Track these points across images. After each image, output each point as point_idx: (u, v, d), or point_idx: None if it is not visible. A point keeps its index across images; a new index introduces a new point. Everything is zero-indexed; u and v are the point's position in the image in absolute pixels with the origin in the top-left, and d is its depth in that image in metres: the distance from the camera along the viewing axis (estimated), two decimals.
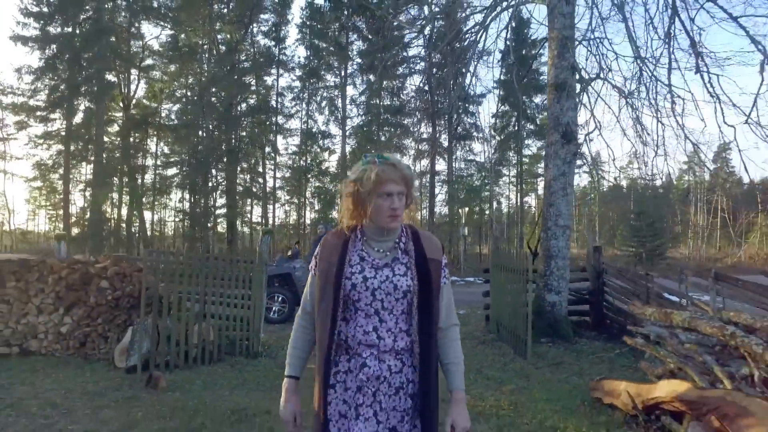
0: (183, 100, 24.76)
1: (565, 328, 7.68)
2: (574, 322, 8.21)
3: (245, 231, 31.80)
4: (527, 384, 5.46)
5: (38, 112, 20.89)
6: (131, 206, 26.27)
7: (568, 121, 7.66)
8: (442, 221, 29.44)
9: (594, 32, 8.12)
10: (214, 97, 21.80)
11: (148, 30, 25.73)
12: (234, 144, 23.50)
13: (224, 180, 24.76)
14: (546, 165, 8.02)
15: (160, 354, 5.59)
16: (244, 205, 29.91)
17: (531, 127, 31.04)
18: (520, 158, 32.01)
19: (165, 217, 32.34)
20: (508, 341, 7.16)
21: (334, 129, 30.02)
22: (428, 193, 28.81)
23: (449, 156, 29.56)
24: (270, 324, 8.60)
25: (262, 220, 30.72)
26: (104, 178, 20.22)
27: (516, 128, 30.97)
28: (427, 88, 25.59)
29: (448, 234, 28.28)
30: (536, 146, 32.00)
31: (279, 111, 28.87)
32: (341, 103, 28.99)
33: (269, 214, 31.89)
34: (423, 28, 11.86)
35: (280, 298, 9.30)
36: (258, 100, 27.48)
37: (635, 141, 9.11)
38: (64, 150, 22.94)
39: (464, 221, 23.77)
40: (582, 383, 5.35)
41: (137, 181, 24.34)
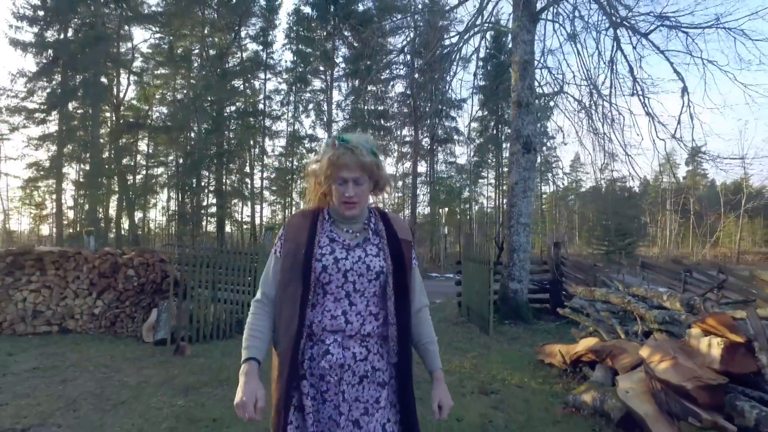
0: (175, 103, 25.60)
1: (526, 312, 8.94)
2: (536, 308, 9.46)
3: (233, 230, 32.67)
4: (487, 352, 6.68)
5: (36, 114, 21.61)
6: (120, 206, 27.02)
7: (528, 133, 8.93)
8: (425, 221, 30.76)
9: (554, 53, 9.40)
10: (206, 102, 22.72)
11: (139, 34, 26.40)
12: (224, 146, 24.42)
13: (214, 181, 25.65)
14: (509, 171, 9.28)
15: (183, 329, 6.68)
16: (232, 204, 30.81)
17: (509, 131, 32.47)
18: (500, 161, 33.46)
19: (154, 216, 33.04)
20: (475, 322, 8.39)
21: (320, 132, 31.10)
22: (411, 193, 30.08)
23: (431, 158, 30.88)
24: None
25: (250, 219, 31.72)
26: (98, 179, 21.02)
27: (495, 131, 32.43)
28: (409, 92, 26.84)
29: (429, 233, 29.62)
30: None
31: (267, 114, 29.87)
32: (327, 107, 30.10)
33: (257, 213, 32.90)
34: (404, 49, 12.86)
35: None
36: (246, 104, 28.42)
37: (596, 147, 10.45)
38: (57, 151, 23.65)
39: (444, 221, 25.04)
40: (531, 351, 6.58)
41: (127, 181, 25.11)
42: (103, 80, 21.82)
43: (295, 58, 29.95)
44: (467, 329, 8.36)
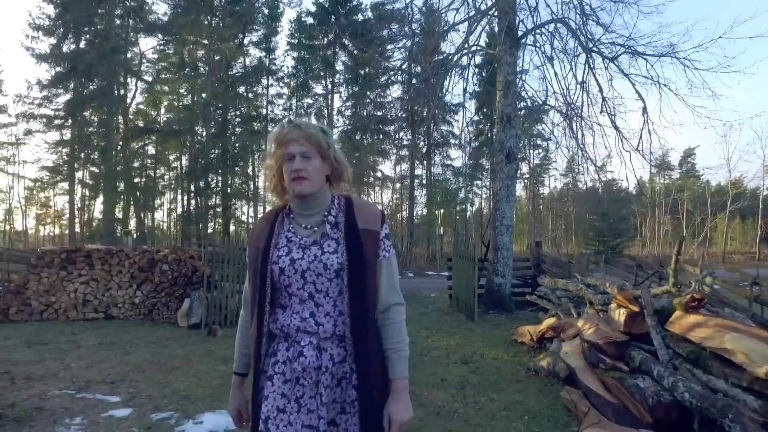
0: (183, 109, 26.78)
1: (509, 303, 10.13)
2: (519, 300, 10.63)
3: (237, 229, 33.85)
4: (471, 335, 7.88)
5: (54, 120, 22.81)
6: (126, 207, 28.17)
7: (510, 145, 10.12)
8: (422, 221, 31.97)
9: (540, 69, 10.57)
10: (213, 108, 23.89)
11: (146, 41, 27.58)
12: (229, 150, 25.60)
13: (220, 183, 26.81)
14: (493, 179, 10.48)
15: (213, 315, 7.85)
16: (235, 205, 32.01)
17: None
18: (493, 164, 34.61)
19: (160, 216, 34.20)
20: (463, 311, 9.58)
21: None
22: (408, 195, 31.28)
23: (427, 161, 32.07)
24: None
25: (254, 219, 32.93)
26: (112, 182, 22.19)
27: (489, 135, 33.62)
28: (407, 97, 28.04)
29: (427, 233, 30.80)
30: None
31: (269, 119, 31.03)
32: (327, 111, 31.27)
33: (260, 214, 34.07)
34: (401, 66, 14.02)
35: None
36: (249, 108, 29.56)
37: (578, 154, 11.67)
38: (70, 155, 24.82)
39: (440, 222, 26.23)
40: (509, 334, 7.75)
41: (137, 183, 26.30)
42: (116, 89, 22.97)
43: (296, 65, 31.15)
44: (456, 318, 9.55)
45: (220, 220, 27.02)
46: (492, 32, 11.17)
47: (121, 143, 24.48)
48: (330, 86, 31.00)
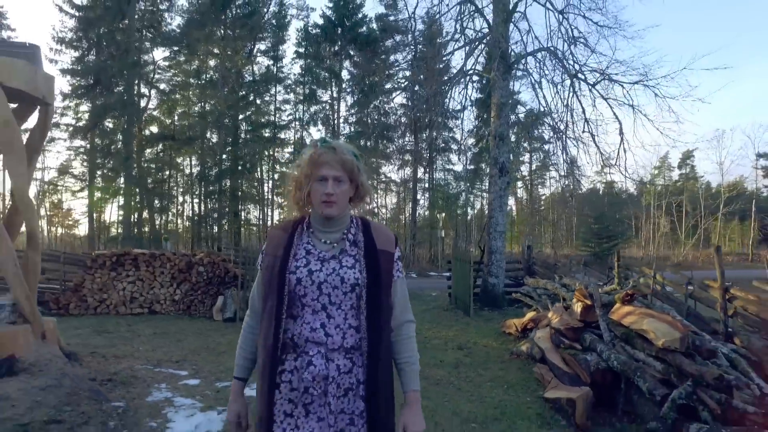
0: (195, 117, 28.08)
1: (501, 301, 11.36)
2: (511, 298, 11.87)
3: (245, 232, 35.16)
4: (466, 328, 9.11)
5: (78, 130, 24.18)
6: (141, 210, 29.48)
7: (503, 160, 11.36)
8: (424, 224, 33.20)
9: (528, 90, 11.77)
10: (225, 117, 25.19)
11: (159, 52, 28.91)
12: (241, 158, 26.90)
13: (230, 188, 28.09)
14: (489, 190, 11.70)
15: (244, 311, 9.10)
16: (246, 209, 33.33)
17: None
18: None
19: (173, 219, 35.44)
20: (461, 308, 10.82)
21: None
22: (411, 198, 32.54)
23: (430, 166, 33.31)
24: None
25: (261, 221, 34.24)
26: (132, 188, 23.53)
27: (488, 141, 34.83)
28: (410, 103, 29.29)
29: (428, 235, 32.05)
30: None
31: (277, 125, 32.31)
32: (332, 115, 32.52)
33: (267, 216, 35.39)
34: (406, 87, 15.26)
35: None
36: (257, 116, 30.83)
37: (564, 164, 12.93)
38: (90, 162, 26.18)
39: (442, 225, 27.49)
40: (498, 327, 9.00)
41: (153, 188, 27.58)
42: (136, 99, 24.31)
43: (303, 72, 32.38)
44: (454, 313, 10.79)
45: (231, 223, 28.25)
46: (488, 57, 12.39)
47: (136, 149, 25.80)
48: (336, 94, 32.27)
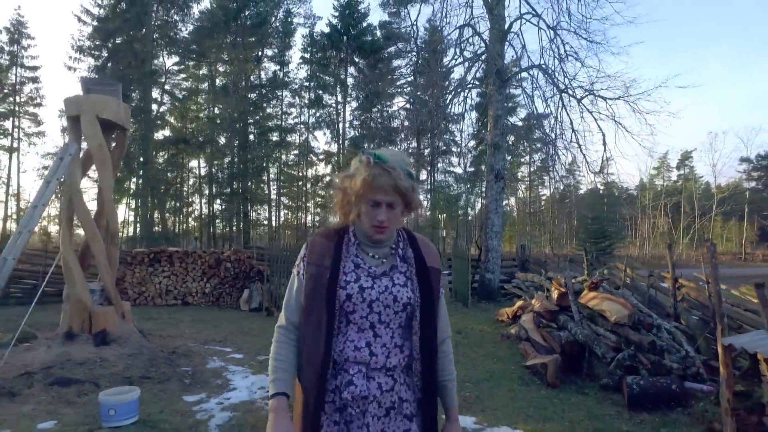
0: (206, 122, 29.32)
1: (497, 294, 12.52)
2: (506, 292, 13.03)
3: (253, 231, 36.38)
4: (465, 317, 10.28)
5: None
6: (153, 210, 30.73)
7: (499, 167, 12.53)
8: (426, 224, 34.39)
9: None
10: (236, 122, 26.42)
11: (170, 59, 30.12)
12: (251, 161, 28.13)
13: (240, 189, 29.31)
14: (485, 194, 12.86)
15: (268, 302, 10.28)
16: (253, 209, 34.55)
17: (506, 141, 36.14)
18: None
19: (185, 220, 36.70)
20: (460, 300, 11.99)
21: (333, 145, 34.78)
22: None
23: (431, 168, 34.49)
24: None
25: (268, 221, 35.50)
26: (150, 190, 24.76)
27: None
28: (412, 108, 30.45)
29: (429, 235, 33.23)
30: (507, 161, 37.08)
31: (284, 128, 33.53)
32: (338, 123, 33.71)
33: (273, 216, 36.64)
34: (410, 102, 16.40)
35: None
36: (265, 120, 32.05)
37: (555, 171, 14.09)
38: None
39: (443, 225, 28.68)
40: (493, 316, 10.16)
41: (168, 190, 28.84)
42: (153, 106, 25.52)
43: (309, 77, 33.57)
44: (454, 305, 11.95)
45: (240, 223, 29.48)
46: (485, 73, 13.56)
47: (153, 153, 27.00)
48: (342, 98, 33.46)
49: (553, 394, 5.05)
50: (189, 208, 36.12)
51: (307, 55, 33.47)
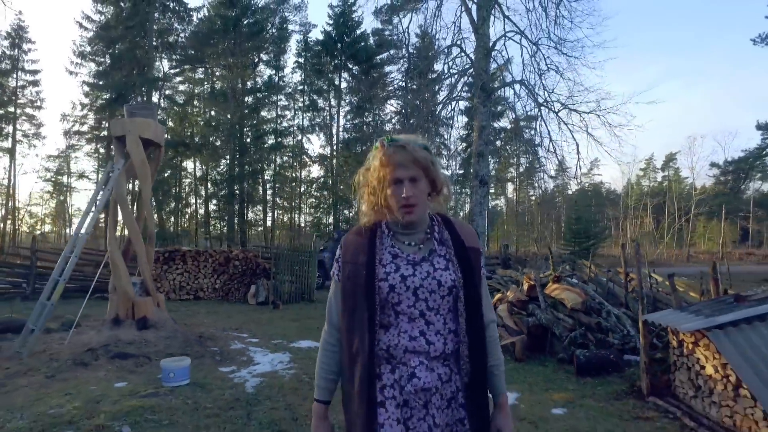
0: (204, 126, 30.29)
1: None
2: (488, 287, 14.20)
3: (249, 232, 37.35)
4: None
5: (98, 137, 26.40)
6: (159, 212, 31.62)
7: (483, 174, 13.68)
8: None
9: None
10: (233, 127, 27.43)
11: (168, 64, 31.04)
12: (248, 163, 29.13)
13: (237, 191, 30.29)
14: (470, 198, 14.01)
15: (273, 296, 11.34)
16: (249, 210, 35.54)
17: (491, 148, 37.42)
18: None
19: (185, 220, 37.59)
20: None
21: (327, 148, 35.82)
22: None
23: None
24: None
25: (263, 221, 36.51)
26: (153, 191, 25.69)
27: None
28: (403, 111, 31.58)
29: None
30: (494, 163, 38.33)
31: (279, 132, 34.53)
32: (332, 126, 34.79)
33: (268, 216, 37.65)
34: (403, 111, 17.52)
35: (317, 274, 15.15)
36: (261, 123, 33.03)
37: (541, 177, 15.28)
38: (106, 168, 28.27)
39: None
40: None
41: (170, 191, 29.78)
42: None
43: (303, 81, 34.56)
44: None
45: (237, 224, 30.44)
46: (470, 87, 14.71)
47: None
48: (335, 103, 34.51)
49: (520, 366, 6.18)
50: (186, 208, 37.08)
51: (302, 60, 34.50)
